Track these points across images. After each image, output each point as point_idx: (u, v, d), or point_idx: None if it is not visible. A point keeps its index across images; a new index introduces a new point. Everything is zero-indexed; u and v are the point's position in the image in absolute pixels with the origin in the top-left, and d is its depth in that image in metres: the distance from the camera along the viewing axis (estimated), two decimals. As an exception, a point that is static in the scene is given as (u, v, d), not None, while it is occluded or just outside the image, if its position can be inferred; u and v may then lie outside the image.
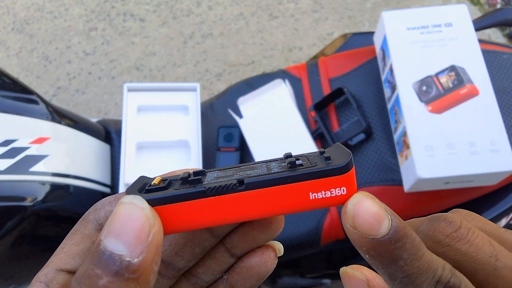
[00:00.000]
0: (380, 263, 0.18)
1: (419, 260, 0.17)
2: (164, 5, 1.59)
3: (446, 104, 0.62)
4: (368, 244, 0.18)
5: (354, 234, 0.18)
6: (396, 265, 0.17)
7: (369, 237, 0.17)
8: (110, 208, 0.21)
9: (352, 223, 0.18)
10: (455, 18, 0.68)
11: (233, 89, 0.81)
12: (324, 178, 0.18)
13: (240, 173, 0.20)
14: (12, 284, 0.66)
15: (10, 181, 0.58)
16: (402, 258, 0.17)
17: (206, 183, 0.19)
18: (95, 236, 0.20)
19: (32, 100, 0.67)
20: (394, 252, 0.17)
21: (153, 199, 0.18)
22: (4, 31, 1.57)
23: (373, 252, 0.18)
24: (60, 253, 0.20)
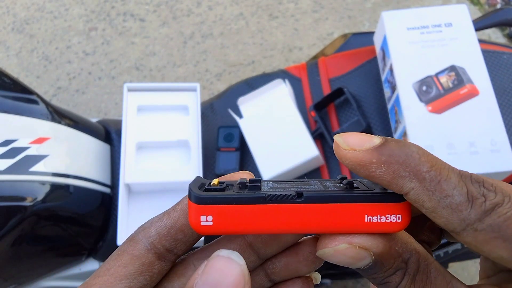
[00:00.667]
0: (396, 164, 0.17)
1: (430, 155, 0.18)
2: (164, 5, 1.59)
3: (446, 104, 0.62)
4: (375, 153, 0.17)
5: (357, 154, 0.18)
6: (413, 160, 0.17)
7: (370, 147, 0.18)
8: (161, 224, 0.20)
9: (348, 146, 0.18)
10: (455, 18, 0.68)
11: (233, 89, 0.81)
12: (382, 203, 0.19)
13: (296, 186, 0.20)
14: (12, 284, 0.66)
15: (10, 181, 0.58)
16: (414, 151, 0.17)
17: (265, 190, 0.19)
18: (144, 257, 0.20)
19: (32, 100, 0.67)
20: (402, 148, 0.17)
21: (214, 198, 0.18)
22: (4, 31, 1.57)
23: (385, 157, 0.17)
24: (106, 275, 0.19)
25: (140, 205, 0.72)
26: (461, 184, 0.17)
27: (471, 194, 0.17)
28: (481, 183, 0.17)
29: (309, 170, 0.71)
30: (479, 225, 0.17)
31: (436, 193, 0.17)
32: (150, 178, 0.70)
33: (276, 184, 0.21)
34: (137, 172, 0.70)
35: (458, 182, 0.17)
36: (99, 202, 0.70)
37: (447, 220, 0.17)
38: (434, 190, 0.17)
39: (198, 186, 0.19)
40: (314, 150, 0.68)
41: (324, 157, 0.72)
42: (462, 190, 0.17)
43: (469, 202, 0.17)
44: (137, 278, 0.20)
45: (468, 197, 0.17)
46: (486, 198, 0.17)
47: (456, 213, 0.17)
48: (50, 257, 0.68)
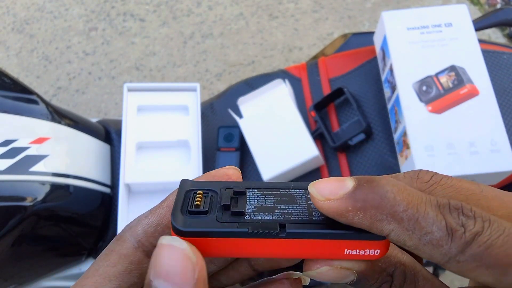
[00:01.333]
0: (372, 209, 0.17)
1: (405, 191, 0.17)
2: (164, 5, 1.59)
3: (446, 104, 0.62)
4: (350, 201, 0.17)
5: (332, 204, 0.18)
6: (388, 201, 0.17)
7: (344, 194, 0.18)
8: (147, 222, 0.20)
9: (322, 197, 0.18)
10: (455, 18, 0.68)
11: (233, 89, 0.81)
12: (362, 241, 0.19)
13: (281, 207, 0.20)
14: (12, 284, 0.66)
15: (10, 181, 0.58)
16: (388, 191, 0.17)
17: (248, 218, 0.19)
18: (133, 256, 0.20)
19: (32, 100, 0.67)
20: (376, 189, 0.17)
21: (195, 231, 0.18)
22: (4, 31, 1.57)
23: (360, 204, 0.17)
24: (94, 275, 0.19)
25: (140, 205, 0.72)
26: (440, 218, 0.17)
27: (450, 226, 0.17)
28: (459, 210, 0.17)
29: (309, 170, 0.71)
30: (461, 257, 0.17)
31: (415, 232, 0.17)
32: (150, 178, 0.70)
33: (261, 197, 0.20)
34: (137, 172, 0.70)
35: (436, 216, 0.17)
36: (99, 202, 0.70)
37: (430, 256, 0.17)
38: (414, 229, 0.17)
39: (181, 205, 0.19)
40: (314, 150, 0.68)
41: (324, 157, 0.72)
42: (441, 224, 0.17)
43: (449, 235, 0.17)
44: (127, 277, 0.20)
45: (448, 231, 0.17)
46: (465, 229, 0.17)
47: (437, 249, 0.17)
48: (50, 257, 0.68)
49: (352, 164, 0.71)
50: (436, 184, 0.19)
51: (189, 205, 0.19)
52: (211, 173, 0.21)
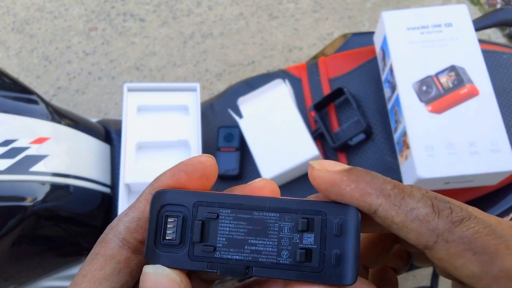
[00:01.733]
0: (364, 182, 0.19)
1: (392, 180, 0.19)
2: (164, 5, 1.59)
3: (446, 104, 0.62)
4: (345, 173, 0.19)
5: (329, 174, 0.19)
6: (378, 180, 0.19)
7: (341, 168, 0.20)
8: (128, 219, 0.20)
9: (321, 167, 0.20)
10: (455, 18, 0.68)
11: (233, 89, 0.81)
12: (326, 285, 0.20)
13: (251, 241, 0.20)
14: (12, 284, 0.66)
15: (10, 181, 0.58)
16: (378, 176, 0.19)
17: (218, 257, 0.20)
18: (119, 255, 0.20)
19: (32, 100, 0.67)
20: (368, 172, 0.19)
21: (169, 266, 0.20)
22: (4, 31, 1.57)
23: (353, 176, 0.19)
24: (83, 282, 0.19)
25: (140, 205, 0.72)
26: (425, 199, 0.18)
27: (436, 206, 0.18)
28: (446, 201, 0.19)
29: (309, 170, 0.71)
30: (449, 236, 0.17)
31: (402, 207, 0.18)
32: (150, 178, 0.70)
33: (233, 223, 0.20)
34: (137, 172, 0.70)
35: (422, 197, 0.19)
36: (99, 202, 0.70)
37: (418, 233, 0.18)
38: (400, 204, 0.18)
39: (154, 236, 0.20)
40: (314, 150, 0.68)
41: (324, 157, 0.72)
42: (427, 203, 0.18)
43: (435, 213, 0.18)
44: (116, 277, 0.20)
45: (434, 209, 0.18)
46: (452, 211, 0.18)
47: (424, 224, 0.18)
48: (50, 257, 0.68)
49: (352, 164, 0.71)
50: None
51: (162, 236, 0.20)
52: (184, 162, 0.21)
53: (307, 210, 0.20)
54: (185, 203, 0.20)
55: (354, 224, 0.20)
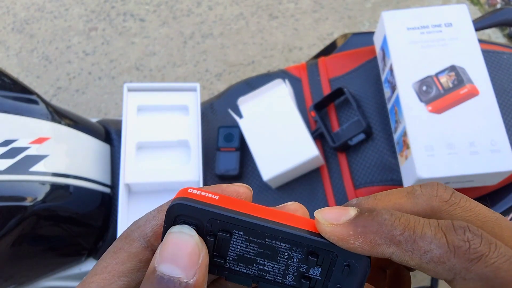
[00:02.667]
0: (371, 234, 0.18)
1: (402, 217, 0.18)
2: (164, 5, 1.59)
3: (446, 104, 0.62)
4: (351, 226, 0.19)
5: (334, 229, 0.19)
6: (386, 227, 0.18)
7: (346, 220, 0.19)
8: (156, 222, 0.21)
9: (327, 222, 0.19)
10: (455, 18, 0.68)
11: (233, 89, 0.81)
12: None
13: (260, 261, 0.21)
14: (12, 284, 0.66)
15: (10, 181, 0.58)
16: (386, 219, 0.18)
17: (227, 267, 0.21)
18: (142, 255, 0.20)
19: (32, 100, 0.67)
20: (375, 217, 0.18)
21: None
22: (4, 31, 1.57)
23: (360, 229, 0.18)
24: (103, 272, 0.20)
25: (140, 205, 0.72)
26: (439, 236, 0.17)
27: (452, 244, 0.17)
28: (465, 228, 0.17)
29: (309, 170, 0.71)
30: (467, 275, 0.17)
31: (415, 252, 0.18)
32: (150, 178, 0.70)
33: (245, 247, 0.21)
34: (137, 172, 0.70)
35: (435, 234, 0.17)
36: (99, 202, 0.70)
37: (435, 273, 0.18)
38: (413, 249, 0.18)
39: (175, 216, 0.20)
40: (314, 150, 0.68)
41: (324, 157, 0.72)
42: (440, 242, 0.17)
43: (451, 252, 0.17)
44: (135, 275, 0.20)
45: (449, 247, 0.17)
46: (470, 245, 0.17)
47: (440, 265, 0.17)
48: (50, 257, 0.68)
49: (352, 164, 0.71)
50: (455, 205, 0.19)
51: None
52: (221, 186, 0.22)
53: (319, 248, 0.20)
54: (201, 217, 0.20)
55: (363, 271, 0.20)
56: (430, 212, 0.19)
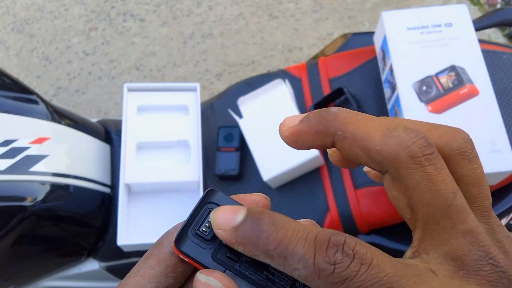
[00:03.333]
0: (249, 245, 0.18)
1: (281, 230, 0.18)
2: (164, 5, 1.59)
3: (446, 104, 0.62)
4: (234, 234, 0.19)
5: (222, 234, 0.19)
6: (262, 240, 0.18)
7: (230, 227, 0.19)
8: None
9: (216, 226, 0.20)
10: (455, 18, 0.68)
11: (233, 89, 0.81)
12: None
13: (271, 270, 0.21)
14: (12, 284, 0.66)
15: (10, 181, 0.58)
16: (263, 230, 0.18)
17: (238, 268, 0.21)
18: (169, 260, 0.22)
19: (32, 100, 0.67)
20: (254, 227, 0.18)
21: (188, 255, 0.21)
22: (4, 31, 1.57)
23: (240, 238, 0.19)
24: (136, 275, 0.22)
25: (140, 205, 0.72)
26: (307, 256, 0.17)
27: (317, 266, 0.17)
28: (338, 247, 0.17)
29: (309, 170, 0.71)
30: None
31: (286, 268, 0.18)
32: (150, 178, 0.70)
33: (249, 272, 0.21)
34: (137, 172, 0.70)
35: (304, 254, 0.17)
36: (99, 202, 0.70)
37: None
38: (284, 265, 0.18)
39: (192, 222, 0.22)
40: (314, 150, 0.68)
41: (324, 157, 0.72)
42: (307, 262, 0.17)
43: (316, 273, 0.17)
44: (164, 279, 0.21)
45: (314, 269, 0.17)
46: (335, 269, 0.16)
47: (308, 283, 0.17)
48: (50, 257, 0.68)
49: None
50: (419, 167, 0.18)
51: (198, 226, 0.22)
52: (239, 196, 0.23)
53: None
54: None
55: None
56: (392, 160, 0.18)
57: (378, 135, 0.19)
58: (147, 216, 0.71)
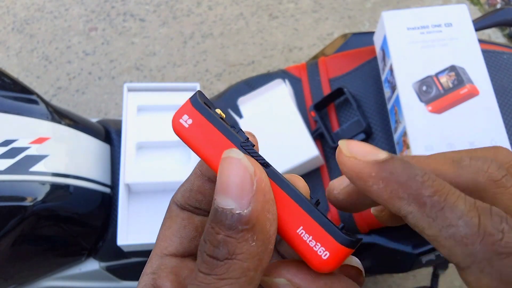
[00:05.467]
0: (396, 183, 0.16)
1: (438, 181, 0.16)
2: (164, 5, 1.59)
3: (446, 104, 0.62)
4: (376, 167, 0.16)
5: (355, 163, 0.17)
6: (415, 182, 0.16)
7: (373, 160, 0.17)
8: (183, 188, 0.23)
9: (350, 153, 0.17)
10: (455, 18, 0.68)
11: (233, 89, 0.81)
12: (322, 230, 0.17)
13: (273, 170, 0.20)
14: (12, 284, 0.66)
15: (10, 181, 0.58)
16: (418, 174, 0.16)
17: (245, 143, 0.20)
18: (181, 214, 0.22)
19: (32, 100, 0.67)
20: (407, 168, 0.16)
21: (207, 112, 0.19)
22: (4, 31, 1.57)
23: (385, 173, 0.16)
24: (159, 241, 0.22)
25: (140, 205, 0.72)
26: (471, 214, 0.15)
27: (483, 227, 0.15)
28: (503, 217, 0.15)
29: (309, 170, 0.71)
30: (486, 267, 0.14)
31: (437, 221, 0.15)
32: (150, 178, 0.70)
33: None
34: (137, 172, 0.70)
35: (468, 211, 0.15)
36: (99, 202, 0.70)
37: (450, 252, 0.15)
38: (435, 217, 0.15)
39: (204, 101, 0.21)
40: (314, 150, 0.68)
41: (324, 157, 0.72)
42: (471, 221, 0.15)
43: (479, 236, 0.15)
44: (183, 232, 0.22)
45: (479, 230, 0.15)
46: (503, 237, 0.14)
47: (460, 247, 0.15)
48: (50, 257, 0.68)
49: (352, 164, 0.71)
50: (504, 189, 0.16)
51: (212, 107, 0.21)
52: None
53: None
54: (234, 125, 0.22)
55: None
56: (473, 188, 0.17)
57: (448, 169, 0.17)
58: (147, 216, 0.71)
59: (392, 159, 0.17)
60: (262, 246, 0.17)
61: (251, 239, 0.16)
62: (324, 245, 0.17)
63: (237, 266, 0.16)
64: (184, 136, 0.19)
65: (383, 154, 0.17)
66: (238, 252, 0.16)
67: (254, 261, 0.16)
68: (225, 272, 0.16)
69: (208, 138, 0.19)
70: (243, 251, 0.16)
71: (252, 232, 0.16)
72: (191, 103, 0.20)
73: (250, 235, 0.16)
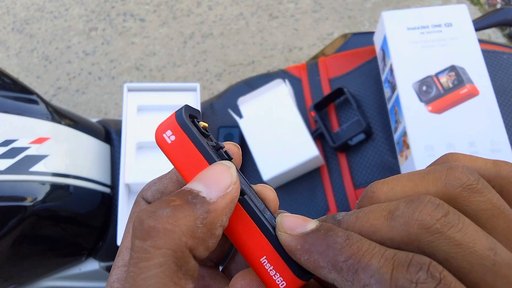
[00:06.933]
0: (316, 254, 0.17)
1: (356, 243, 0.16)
2: (164, 5, 1.59)
3: (446, 104, 0.62)
4: (300, 240, 0.18)
5: (286, 238, 0.18)
6: (333, 250, 0.17)
7: (299, 233, 0.18)
8: (155, 188, 0.23)
9: (282, 228, 0.19)
10: (455, 18, 0.68)
11: (233, 89, 0.81)
12: (283, 262, 0.19)
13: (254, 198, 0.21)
14: (12, 284, 0.66)
15: (10, 181, 0.58)
16: (337, 242, 0.17)
17: None
18: None
19: (32, 100, 0.67)
20: (327, 238, 0.17)
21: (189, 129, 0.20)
22: (4, 31, 1.57)
23: (307, 246, 0.18)
24: (127, 234, 0.22)
25: (140, 205, 0.72)
26: (383, 270, 0.15)
27: (394, 282, 0.14)
28: (423, 265, 0.14)
29: (309, 170, 0.71)
30: None
31: (355, 283, 0.16)
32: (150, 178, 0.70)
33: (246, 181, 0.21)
34: (137, 172, 0.70)
35: (380, 268, 0.15)
36: (99, 202, 0.70)
37: None
38: (352, 280, 0.16)
39: (190, 115, 0.21)
40: (314, 150, 0.68)
41: (324, 157, 0.72)
42: (382, 277, 0.15)
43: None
44: None
45: (391, 285, 0.15)
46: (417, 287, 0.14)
47: None
48: (50, 257, 0.68)
49: (352, 164, 0.71)
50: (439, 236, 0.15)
51: (196, 119, 0.21)
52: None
53: None
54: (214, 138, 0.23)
55: None
56: (407, 240, 0.16)
57: (382, 224, 0.17)
58: (147, 216, 0.71)
59: (316, 230, 0.18)
60: (203, 234, 0.17)
61: (200, 220, 0.17)
62: (282, 275, 0.19)
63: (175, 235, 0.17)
64: (166, 150, 0.20)
65: (311, 225, 0.18)
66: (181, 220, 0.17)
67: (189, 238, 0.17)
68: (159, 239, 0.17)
69: (189, 158, 0.20)
70: (185, 222, 0.17)
71: (204, 218, 0.17)
72: (176, 119, 0.20)
73: (201, 218, 0.17)
